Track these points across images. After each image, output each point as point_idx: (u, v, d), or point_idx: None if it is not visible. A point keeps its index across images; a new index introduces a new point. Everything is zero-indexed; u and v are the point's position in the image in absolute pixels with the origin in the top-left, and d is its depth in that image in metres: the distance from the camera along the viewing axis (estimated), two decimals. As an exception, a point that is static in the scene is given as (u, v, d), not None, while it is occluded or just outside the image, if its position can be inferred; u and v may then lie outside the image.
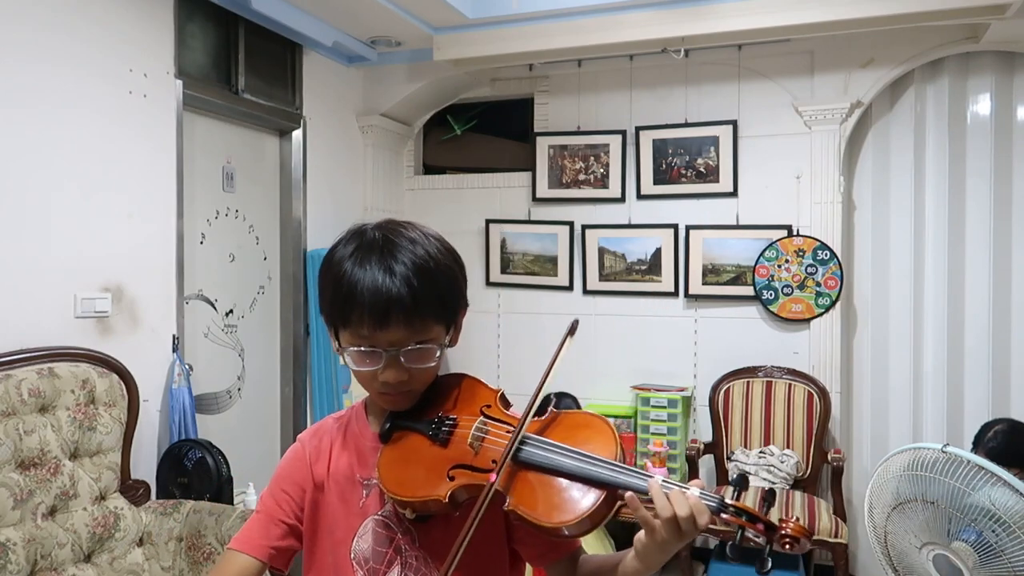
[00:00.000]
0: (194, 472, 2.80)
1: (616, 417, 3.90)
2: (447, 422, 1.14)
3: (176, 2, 3.05)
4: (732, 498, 1.01)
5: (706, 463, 3.89)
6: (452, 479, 1.07)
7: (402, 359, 1.08)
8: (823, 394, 3.70)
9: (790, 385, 3.76)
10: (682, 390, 3.89)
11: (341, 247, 1.10)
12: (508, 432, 1.09)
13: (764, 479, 3.58)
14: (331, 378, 3.76)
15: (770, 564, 1.00)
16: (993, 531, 1.70)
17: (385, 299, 1.04)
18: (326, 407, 3.77)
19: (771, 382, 3.79)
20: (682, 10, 3.47)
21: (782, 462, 3.58)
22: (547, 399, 1.19)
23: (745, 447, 3.76)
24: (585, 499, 1.02)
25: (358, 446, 1.18)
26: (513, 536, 1.16)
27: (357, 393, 3.82)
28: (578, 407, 3.51)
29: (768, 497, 1.04)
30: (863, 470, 3.87)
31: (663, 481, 1.01)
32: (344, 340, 1.09)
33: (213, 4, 3.23)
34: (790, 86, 3.85)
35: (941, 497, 1.77)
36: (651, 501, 1.00)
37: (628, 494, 1.01)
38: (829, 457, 3.59)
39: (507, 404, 1.17)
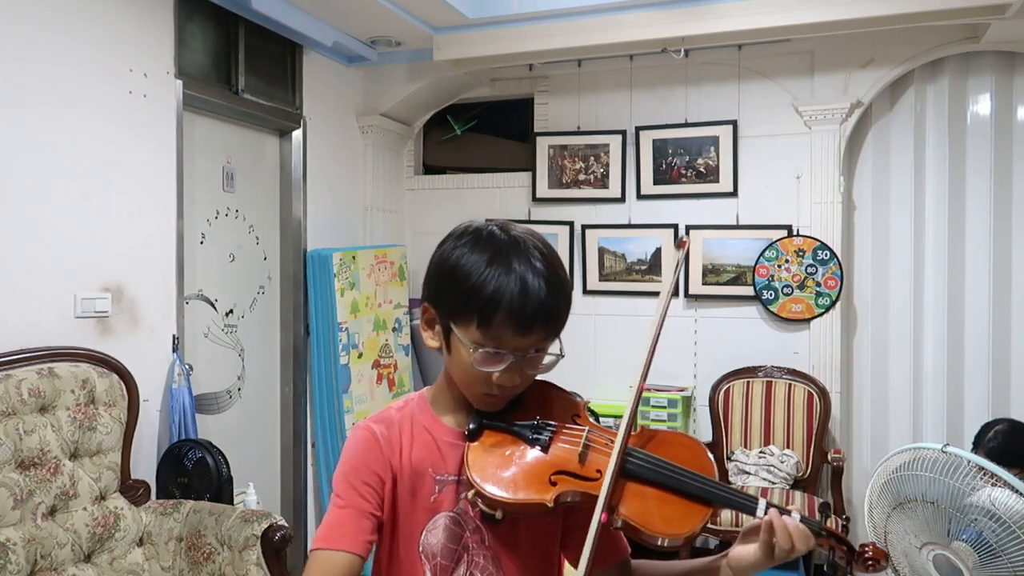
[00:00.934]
0: (194, 472, 2.80)
1: (616, 417, 3.89)
2: (548, 427, 1.13)
3: (176, 2, 3.05)
4: (823, 523, 1.08)
5: (706, 463, 3.89)
6: (555, 484, 1.07)
7: (524, 364, 1.09)
8: (823, 394, 3.70)
9: (790, 385, 3.76)
10: (682, 390, 3.89)
11: (468, 250, 1.08)
12: (609, 443, 1.10)
13: (764, 479, 3.58)
14: (331, 378, 3.76)
15: None
16: (993, 531, 1.70)
17: (535, 306, 1.04)
18: (326, 407, 3.77)
19: (771, 382, 3.79)
20: (682, 10, 3.47)
21: (782, 462, 3.58)
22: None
23: (745, 447, 3.76)
24: (695, 515, 1.07)
25: (429, 439, 1.15)
26: (567, 540, 1.18)
27: (357, 393, 3.82)
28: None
29: (823, 509, 1.12)
30: (863, 470, 3.87)
31: (768, 504, 1.07)
32: (470, 338, 1.07)
33: (213, 4, 3.23)
34: (790, 86, 3.85)
35: (941, 497, 1.77)
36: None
37: (772, 516, 1.05)
38: (829, 457, 3.59)
39: (594, 415, 1.20)
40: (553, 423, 1.14)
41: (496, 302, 1.04)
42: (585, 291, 4.20)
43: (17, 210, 2.45)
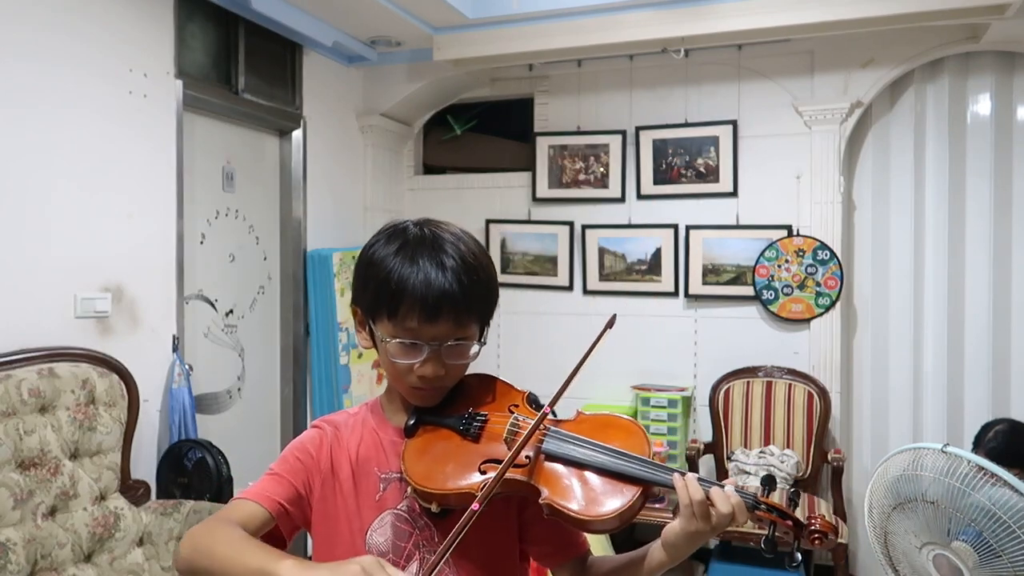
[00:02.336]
0: (194, 472, 2.80)
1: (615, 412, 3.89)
2: (478, 418, 1.15)
3: (176, 2, 3.05)
4: (763, 496, 1.05)
5: (706, 463, 3.89)
6: (484, 473, 1.08)
7: (443, 354, 1.10)
8: (823, 394, 3.70)
9: (790, 385, 3.76)
10: (682, 390, 3.89)
11: (382, 245, 1.13)
12: (541, 429, 1.10)
13: (764, 479, 3.57)
14: (331, 378, 3.76)
15: (799, 558, 1.05)
16: (993, 531, 1.70)
17: (437, 293, 1.06)
18: (326, 407, 3.77)
19: (771, 382, 3.79)
20: (682, 10, 3.47)
21: (782, 462, 3.58)
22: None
23: (745, 447, 3.76)
24: (621, 495, 1.05)
25: (377, 440, 1.18)
26: (525, 535, 1.17)
27: (357, 393, 3.82)
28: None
29: (794, 496, 1.08)
30: (863, 470, 3.87)
31: (699, 479, 1.04)
32: (386, 332, 1.10)
33: (213, 4, 3.23)
34: (790, 86, 3.85)
35: (941, 497, 1.77)
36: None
37: (680, 484, 1.03)
38: (829, 457, 3.59)
39: (535, 405, 1.18)
40: (484, 414, 1.15)
41: (401, 291, 1.07)
42: (585, 291, 4.20)
43: (17, 210, 2.45)
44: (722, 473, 3.78)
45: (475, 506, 0.98)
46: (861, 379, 3.94)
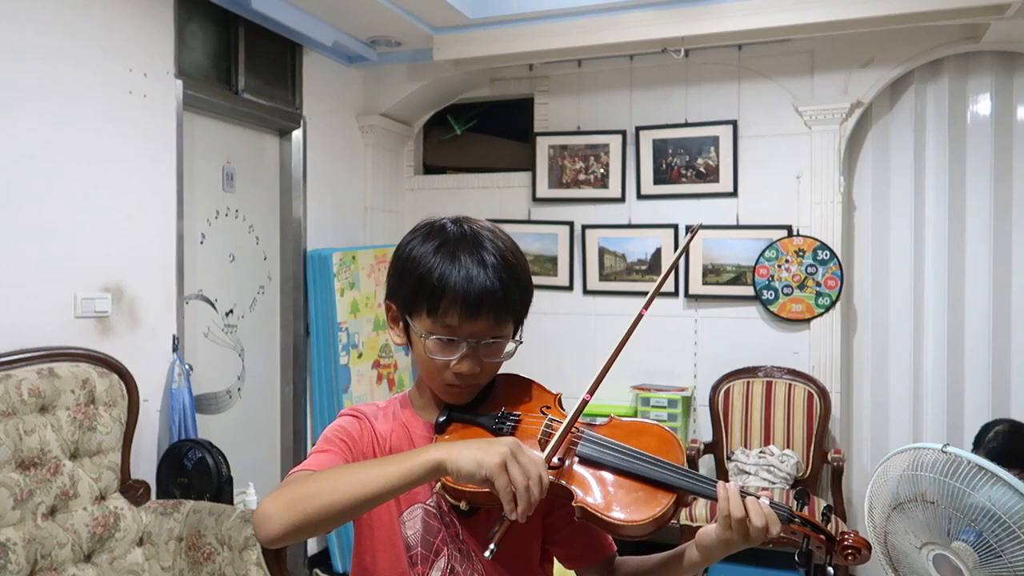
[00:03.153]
0: (194, 472, 2.80)
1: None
2: (511, 417, 1.14)
3: (176, 2, 3.05)
4: (797, 510, 1.06)
5: (706, 463, 3.89)
6: None
7: (480, 351, 1.10)
8: (823, 394, 3.70)
9: (790, 385, 3.76)
10: (682, 390, 3.89)
11: (420, 242, 1.12)
12: (574, 431, 1.10)
13: (764, 479, 3.58)
14: (331, 378, 3.76)
15: (832, 573, 1.05)
16: (993, 531, 1.70)
17: (479, 291, 1.06)
18: (326, 407, 3.77)
19: (771, 382, 3.79)
20: (682, 10, 3.48)
21: (782, 462, 3.58)
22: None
23: (745, 447, 3.76)
24: (656, 501, 1.04)
25: (407, 434, 1.17)
26: (551, 537, 1.17)
27: (357, 393, 3.82)
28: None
29: (827, 511, 1.08)
30: (863, 470, 3.87)
31: (740, 490, 1.05)
32: (424, 328, 1.10)
33: (213, 4, 3.23)
34: (790, 86, 3.85)
35: (941, 497, 1.77)
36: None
37: (723, 495, 1.03)
38: (829, 457, 3.59)
39: (565, 408, 1.18)
40: (517, 413, 1.15)
41: (442, 288, 1.06)
42: (585, 291, 4.20)
43: (17, 210, 2.45)
44: (722, 473, 3.78)
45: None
46: (861, 379, 3.94)
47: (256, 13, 3.34)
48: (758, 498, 1.04)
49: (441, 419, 1.15)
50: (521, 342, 1.16)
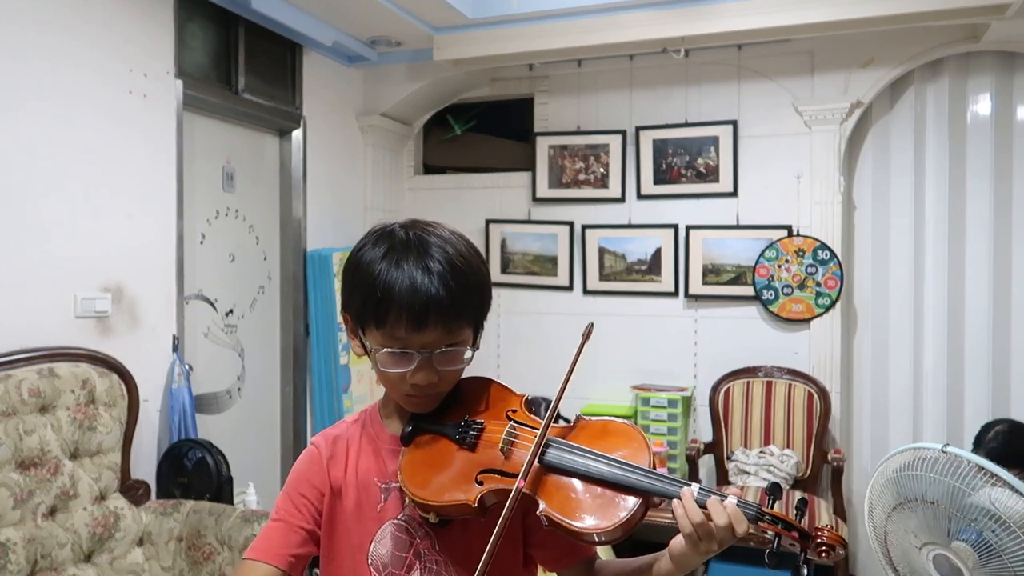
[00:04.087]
0: (194, 472, 2.80)
1: (616, 417, 3.89)
2: (474, 426, 1.12)
3: (176, 2, 3.05)
4: (768, 507, 1.02)
5: (706, 463, 3.89)
6: (481, 484, 1.06)
7: (434, 361, 1.07)
8: (823, 394, 3.69)
9: (790, 385, 3.76)
10: (682, 390, 3.89)
11: (369, 248, 1.09)
12: (533, 437, 1.08)
13: (764, 479, 3.58)
14: (331, 378, 3.76)
15: (806, 571, 1.02)
16: (993, 531, 1.70)
17: (424, 300, 1.03)
18: (326, 407, 3.77)
19: (771, 382, 3.79)
20: (682, 10, 3.47)
21: (782, 462, 3.58)
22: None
23: (745, 447, 3.76)
24: (622, 506, 1.02)
25: (375, 449, 1.16)
26: (529, 540, 1.16)
27: (357, 393, 3.82)
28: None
29: (800, 506, 1.05)
30: (863, 470, 3.87)
31: (701, 489, 1.01)
32: (375, 341, 1.08)
33: (213, 4, 3.23)
34: (790, 86, 3.85)
35: (941, 497, 1.77)
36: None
37: (674, 502, 1.01)
38: (829, 457, 3.59)
39: (533, 409, 1.16)
40: (480, 421, 1.13)
41: (387, 300, 1.04)
42: (585, 291, 4.20)
43: (17, 210, 2.45)
44: (722, 473, 3.78)
45: (520, 483, 0.99)
46: (861, 379, 3.94)
47: (256, 13, 3.34)
48: (725, 497, 1.00)
49: (408, 430, 1.13)
50: (478, 347, 1.13)
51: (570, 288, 4.24)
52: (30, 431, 2.26)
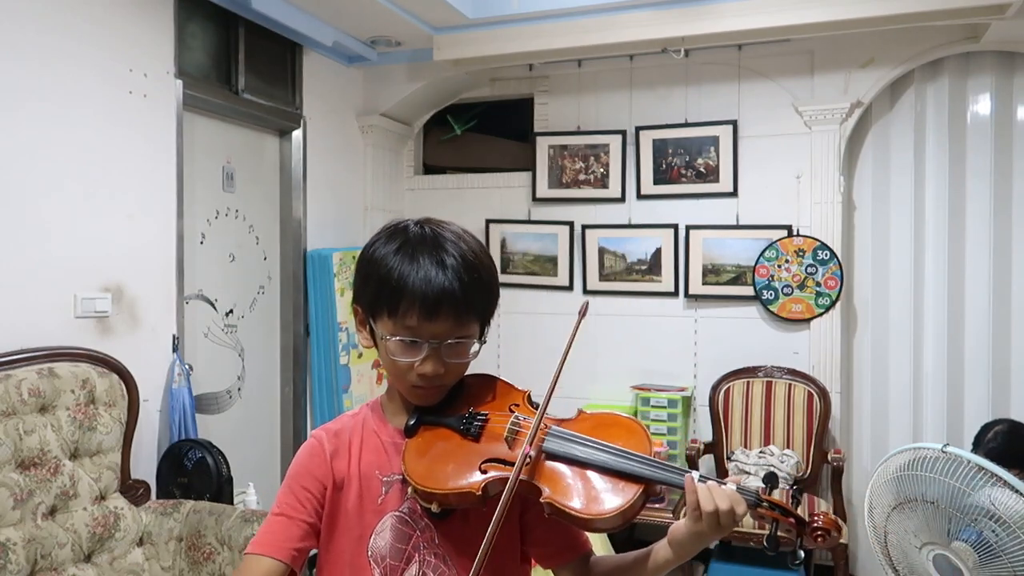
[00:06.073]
0: (194, 472, 2.80)
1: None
2: (478, 417, 1.15)
3: (176, 2, 3.05)
4: (766, 494, 1.05)
5: (706, 463, 3.89)
6: (484, 472, 1.08)
7: (442, 352, 1.10)
8: (823, 394, 3.69)
9: (790, 385, 3.76)
10: (682, 390, 3.89)
11: (382, 243, 1.13)
12: (542, 428, 1.10)
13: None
14: (331, 378, 3.76)
15: (802, 555, 1.05)
16: (993, 531, 1.70)
17: (437, 291, 1.06)
18: (326, 407, 3.77)
19: (771, 382, 3.79)
20: (682, 10, 3.47)
21: (782, 462, 3.58)
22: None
23: (745, 447, 3.76)
24: (623, 493, 1.04)
25: (377, 443, 1.18)
26: (527, 537, 1.17)
27: (357, 393, 3.82)
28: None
29: (796, 494, 1.07)
30: (863, 470, 3.87)
31: (700, 476, 1.04)
32: (386, 329, 1.10)
33: (213, 4, 3.23)
34: (790, 86, 3.85)
35: (941, 497, 1.77)
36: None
37: (689, 484, 1.03)
38: (829, 457, 3.59)
39: (535, 405, 1.18)
40: (484, 413, 1.15)
41: (401, 288, 1.07)
42: (585, 291, 4.20)
43: (17, 210, 2.45)
44: (722, 473, 3.78)
45: (527, 448, 1.01)
46: (861, 379, 3.94)
47: (256, 13, 3.34)
48: (724, 484, 1.03)
49: (411, 423, 1.15)
50: (485, 342, 1.17)
51: (570, 288, 4.24)
52: (30, 431, 2.26)
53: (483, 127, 4.57)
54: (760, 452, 3.68)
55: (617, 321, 4.15)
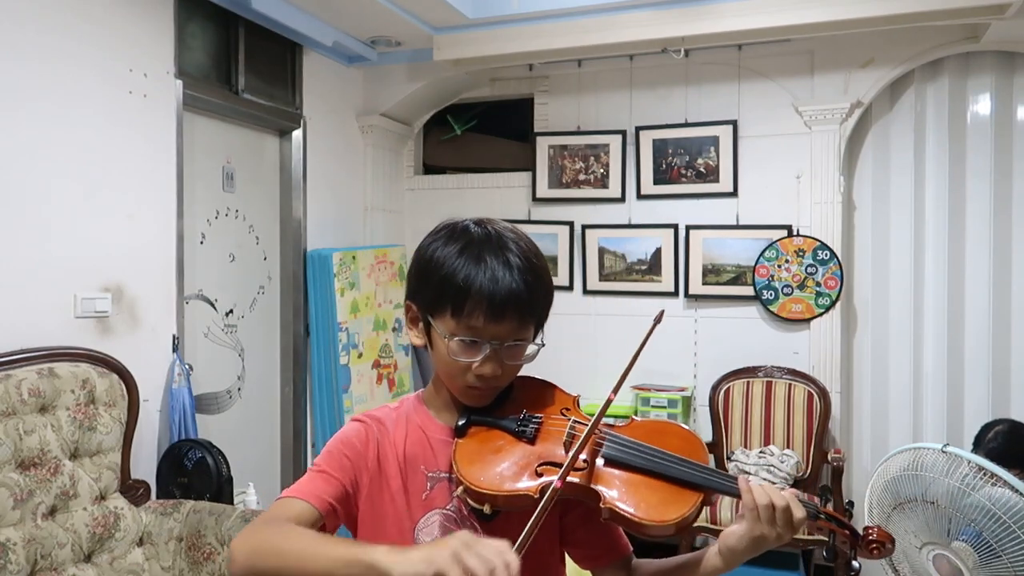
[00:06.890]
0: (194, 472, 2.80)
1: (616, 417, 3.89)
2: (534, 419, 1.14)
3: (176, 2, 3.05)
4: (822, 506, 1.06)
5: (706, 463, 3.89)
6: (540, 475, 1.07)
7: (502, 354, 1.09)
8: (823, 394, 3.70)
9: (790, 385, 3.76)
10: (682, 390, 3.89)
11: (443, 243, 1.12)
12: (596, 433, 1.10)
13: (764, 479, 3.57)
14: (331, 378, 3.76)
15: (858, 566, 1.10)
16: (993, 531, 1.70)
17: (505, 293, 1.06)
18: (326, 407, 3.77)
19: (771, 382, 3.79)
20: (682, 10, 3.47)
21: (782, 462, 3.58)
22: None
23: (745, 447, 3.76)
24: (682, 501, 1.05)
25: (423, 437, 1.16)
26: (568, 537, 1.17)
27: (357, 393, 3.82)
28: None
29: (848, 507, 1.09)
30: (863, 470, 3.87)
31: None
32: (448, 329, 1.09)
33: (213, 4, 3.23)
34: (790, 86, 3.85)
35: (941, 497, 1.77)
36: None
37: (745, 487, 1.04)
38: (829, 457, 3.59)
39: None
40: (539, 415, 1.14)
41: (467, 289, 1.06)
42: (585, 291, 4.20)
43: (17, 210, 2.45)
44: (722, 473, 3.78)
45: (557, 484, 1.00)
46: (861, 379, 3.94)
47: (256, 13, 3.34)
48: (784, 489, 1.05)
49: (461, 423, 1.14)
50: (543, 344, 1.16)
51: (570, 288, 4.24)
52: (30, 431, 2.26)
53: (483, 127, 4.57)
54: (760, 452, 3.68)
55: (617, 321, 4.15)
